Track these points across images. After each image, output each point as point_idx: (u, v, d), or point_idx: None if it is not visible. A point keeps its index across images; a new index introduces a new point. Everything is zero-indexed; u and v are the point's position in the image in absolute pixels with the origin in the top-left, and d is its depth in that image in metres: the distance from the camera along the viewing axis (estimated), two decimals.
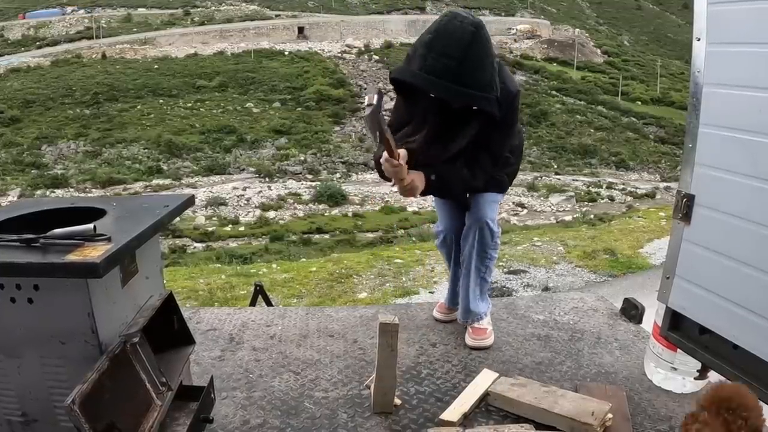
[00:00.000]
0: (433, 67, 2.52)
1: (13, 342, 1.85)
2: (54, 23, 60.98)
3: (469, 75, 2.54)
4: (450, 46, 2.51)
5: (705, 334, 2.42)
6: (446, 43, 2.52)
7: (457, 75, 2.51)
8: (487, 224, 2.99)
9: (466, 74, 2.53)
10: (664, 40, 77.36)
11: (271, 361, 3.10)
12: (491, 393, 2.65)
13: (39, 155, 37.54)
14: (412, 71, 2.61)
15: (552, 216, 29.44)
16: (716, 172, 2.33)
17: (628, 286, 8.75)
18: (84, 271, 1.67)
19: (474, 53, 2.54)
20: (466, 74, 2.53)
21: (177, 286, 8.60)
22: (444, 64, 2.51)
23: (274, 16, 64.54)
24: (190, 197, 2.41)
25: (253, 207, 30.92)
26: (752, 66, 2.17)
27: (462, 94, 2.57)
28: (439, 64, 2.51)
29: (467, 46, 2.51)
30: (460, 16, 2.60)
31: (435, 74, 2.52)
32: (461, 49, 2.51)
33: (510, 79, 2.80)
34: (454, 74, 2.51)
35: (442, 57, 2.51)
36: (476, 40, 2.54)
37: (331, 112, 44.01)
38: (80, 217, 2.01)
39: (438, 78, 2.53)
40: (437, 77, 2.52)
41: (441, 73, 2.52)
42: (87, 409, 1.63)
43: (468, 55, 2.52)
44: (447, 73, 2.51)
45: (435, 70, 2.52)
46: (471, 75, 2.55)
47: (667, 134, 45.74)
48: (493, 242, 3.07)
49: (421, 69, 2.56)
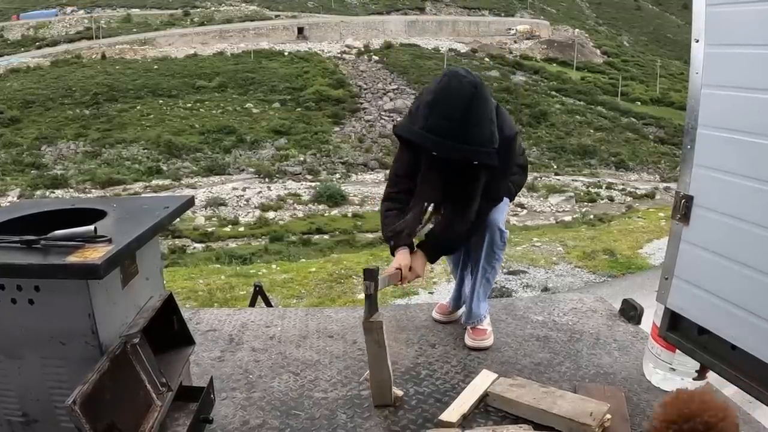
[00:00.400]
0: (435, 127, 2.61)
1: (13, 343, 1.86)
2: (54, 23, 60.97)
3: (471, 132, 2.63)
4: (451, 108, 2.60)
5: (703, 335, 2.43)
6: (447, 104, 2.61)
7: (458, 134, 2.60)
8: (497, 227, 3.04)
9: (467, 133, 2.62)
10: (664, 40, 77.39)
11: (271, 362, 3.10)
12: (490, 393, 2.66)
13: (39, 155, 37.52)
14: (415, 130, 2.70)
15: (551, 216, 29.44)
16: (715, 173, 2.33)
17: (627, 286, 8.75)
18: (85, 272, 1.68)
19: (474, 113, 2.62)
20: (467, 133, 2.62)
21: (176, 286, 8.60)
22: (446, 125, 2.60)
23: (273, 16, 64.51)
24: (190, 198, 2.41)
25: (252, 207, 30.90)
26: (751, 67, 2.17)
27: (463, 151, 2.65)
28: (440, 125, 2.60)
29: (467, 108, 2.60)
30: (459, 76, 2.68)
31: (437, 134, 2.61)
32: (461, 111, 2.59)
33: (507, 124, 2.87)
34: (456, 134, 2.60)
35: (444, 119, 2.60)
36: (476, 100, 2.62)
37: (330, 112, 43.99)
38: (81, 218, 2.02)
39: (440, 137, 2.61)
40: (439, 137, 2.61)
41: (443, 133, 2.60)
42: (88, 409, 1.63)
43: (469, 115, 2.61)
44: (448, 132, 2.60)
45: (437, 130, 2.61)
46: (471, 133, 2.63)
47: (666, 134, 45.73)
48: (502, 242, 3.11)
49: (423, 128, 2.64)
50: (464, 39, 62.13)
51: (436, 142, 2.63)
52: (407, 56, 53.76)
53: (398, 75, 49.60)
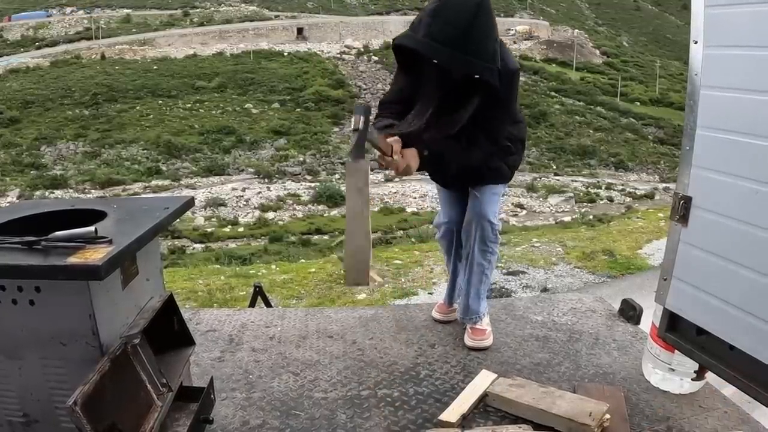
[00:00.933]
0: (437, 35, 2.52)
1: (14, 343, 1.87)
2: (53, 24, 60.95)
3: (473, 44, 2.54)
4: (455, 15, 2.52)
5: (702, 335, 2.44)
6: (451, 11, 2.53)
7: (461, 43, 2.52)
8: (487, 219, 3.00)
9: (469, 43, 2.53)
10: (663, 40, 77.41)
11: (271, 362, 3.11)
12: (490, 394, 2.66)
13: (38, 156, 37.51)
14: (416, 38, 2.60)
15: (551, 217, 29.44)
16: (713, 174, 2.34)
17: (626, 287, 8.75)
18: (86, 273, 1.69)
19: (478, 23, 2.54)
20: (470, 43, 2.53)
21: (176, 287, 8.61)
22: (448, 32, 2.51)
23: (273, 16, 64.51)
24: (190, 199, 2.42)
25: (252, 208, 30.91)
26: (749, 69, 2.18)
27: (465, 62, 2.56)
28: (443, 32, 2.51)
29: (472, 16, 2.52)
30: None
31: (439, 41, 2.52)
32: (466, 19, 2.52)
33: (510, 57, 2.78)
34: (458, 43, 2.51)
35: (447, 25, 2.52)
36: (481, 11, 2.55)
37: (330, 112, 44.01)
38: (81, 219, 2.02)
39: (442, 45, 2.52)
40: (441, 44, 2.52)
41: (445, 41, 2.52)
42: (88, 409, 1.64)
43: (472, 25, 2.52)
44: (451, 41, 2.51)
45: (439, 38, 2.52)
46: (475, 44, 2.55)
47: (666, 135, 45.74)
48: (494, 235, 3.07)
49: (425, 36, 2.55)
50: None
51: (437, 49, 2.54)
52: None
53: None
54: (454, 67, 2.58)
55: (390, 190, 32.78)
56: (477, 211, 3.01)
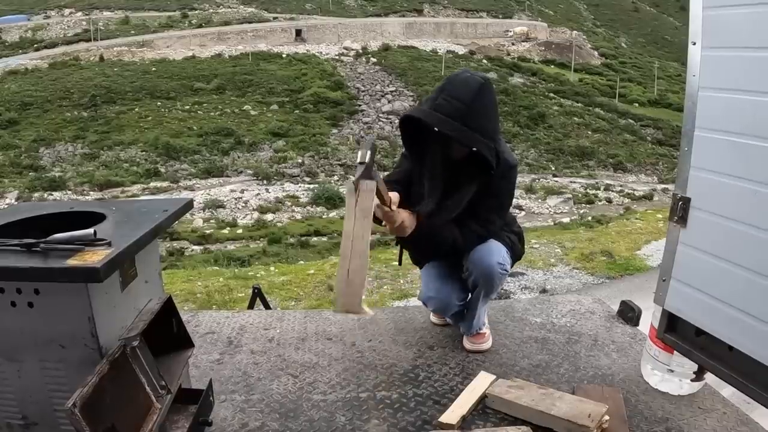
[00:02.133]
0: (442, 107, 2.67)
1: (13, 346, 1.87)
2: (51, 25, 60.84)
3: (475, 120, 2.68)
4: (460, 91, 2.69)
5: (701, 336, 2.44)
6: (457, 87, 2.70)
7: (464, 117, 2.65)
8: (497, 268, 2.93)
9: (472, 119, 2.66)
10: (662, 42, 77.45)
11: (270, 364, 3.11)
12: (489, 395, 2.67)
13: (36, 158, 37.39)
14: (421, 109, 2.77)
15: (549, 218, 29.37)
16: (712, 175, 2.35)
17: (625, 288, 8.78)
18: (85, 275, 1.69)
19: (481, 101, 2.70)
20: (473, 119, 2.67)
21: (175, 288, 8.61)
22: (453, 106, 2.66)
23: (271, 18, 64.41)
24: (189, 201, 2.42)
25: (250, 209, 30.83)
26: (747, 70, 2.18)
27: (465, 134, 2.67)
28: (449, 105, 2.67)
29: (476, 93, 2.68)
30: (470, 70, 2.83)
31: (443, 113, 2.66)
32: (470, 95, 2.67)
33: (509, 153, 2.91)
34: (462, 116, 2.65)
35: (453, 99, 2.67)
36: (484, 90, 2.72)
37: (328, 114, 43.91)
38: (80, 221, 2.02)
39: (445, 116, 2.66)
40: (444, 116, 2.66)
41: (449, 113, 2.66)
42: (88, 412, 1.64)
43: (476, 101, 2.68)
44: (455, 113, 2.65)
45: (444, 110, 2.67)
46: (477, 120, 2.68)
47: (664, 136, 45.70)
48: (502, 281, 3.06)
49: (431, 108, 2.71)
50: (462, 41, 62.08)
51: (440, 120, 2.65)
52: (405, 58, 53.70)
53: (396, 77, 49.54)
54: (455, 137, 2.68)
55: None
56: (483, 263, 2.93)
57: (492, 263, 2.91)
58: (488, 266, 2.91)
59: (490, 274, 2.92)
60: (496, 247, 2.95)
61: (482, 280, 2.94)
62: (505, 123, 43.09)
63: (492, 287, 3.00)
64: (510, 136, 41.65)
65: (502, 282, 3.07)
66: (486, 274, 2.92)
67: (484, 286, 2.97)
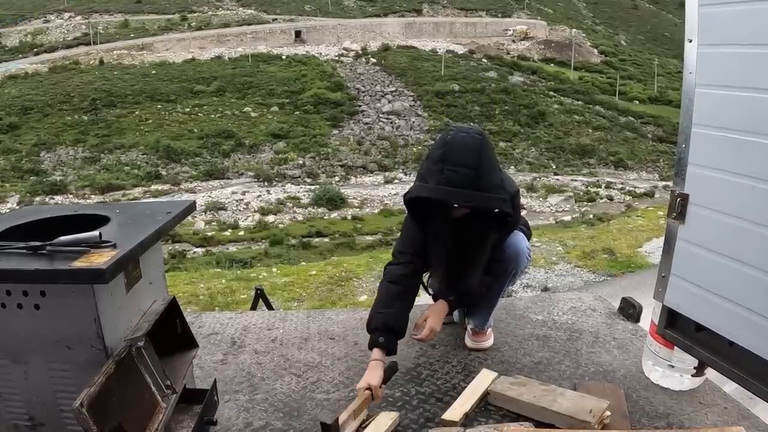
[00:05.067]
0: (451, 179, 2.57)
1: (20, 347, 1.89)
2: (51, 30, 60.87)
3: (485, 180, 2.61)
4: (464, 156, 2.59)
5: (701, 332, 2.45)
6: (459, 154, 2.59)
7: (473, 182, 2.57)
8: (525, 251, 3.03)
9: (482, 180, 2.60)
10: (661, 39, 77.40)
11: (273, 364, 3.13)
12: (491, 392, 2.68)
13: (38, 162, 37.45)
14: (429, 187, 2.64)
15: (551, 216, 29.39)
16: (710, 171, 2.36)
17: (627, 285, 8.78)
18: (91, 277, 1.71)
19: (485, 158, 2.62)
20: (483, 180, 2.60)
21: (177, 291, 8.62)
22: (462, 174, 2.57)
23: (271, 20, 64.42)
24: (192, 203, 2.44)
25: (252, 211, 30.84)
26: (744, 67, 2.20)
27: (483, 198, 2.62)
28: (457, 175, 2.57)
29: (479, 153, 2.60)
30: (463, 128, 2.71)
31: (453, 185, 2.57)
32: (474, 158, 2.59)
33: (509, 180, 2.86)
34: (472, 181, 2.57)
35: (460, 167, 2.57)
36: (485, 146, 2.64)
37: (329, 115, 43.91)
38: (84, 224, 2.04)
39: (457, 187, 2.57)
40: (456, 187, 2.57)
41: (460, 183, 2.57)
42: (95, 411, 1.66)
43: (482, 161, 2.60)
44: (466, 181, 2.57)
45: (454, 181, 2.57)
46: (487, 180, 2.62)
47: (665, 133, 45.66)
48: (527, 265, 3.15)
49: (439, 183, 2.60)
50: (462, 40, 62.07)
51: (454, 193, 2.58)
52: (405, 58, 53.72)
53: (396, 77, 49.54)
54: (473, 205, 2.65)
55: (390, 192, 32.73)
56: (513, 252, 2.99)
57: (521, 246, 2.98)
58: (517, 249, 2.97)
59: (518, 256, 2.97)
60: (521, 235, 3.04)
61: (512, 263, 2.98)
62: (506, 122, 43.12)
63: (518, 268, 3.03)
64: (510, 135, 41.68)
65: (527, 266, 3.14)
66: (515, 256, 2.97)
67: (514, 268, 3.00)
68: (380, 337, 2.71)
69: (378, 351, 2.70)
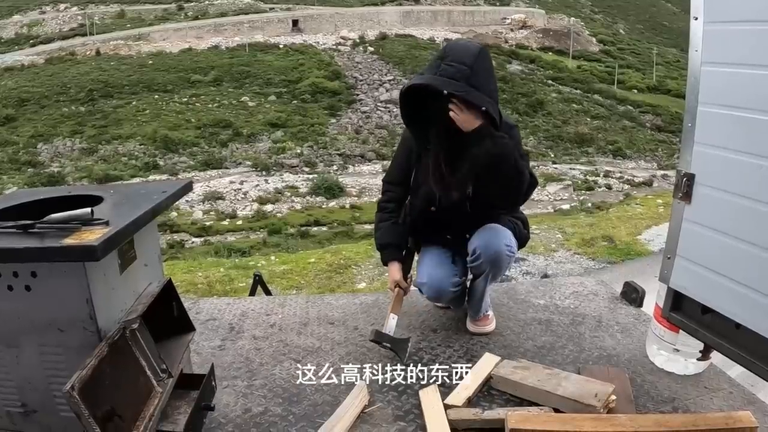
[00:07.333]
0: (447, 71, 2.72)
1: (11, 331, 1.84)
2: (47, 21, 60.61)
3: (479, 81, 2.74)
4: (462, 54, 2.76)
5: (707, 314, 2.41)
6: (458, 52, 2.78)
7: (469, 79, 2.71)
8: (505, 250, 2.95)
9: (476, 79, 2.72)
10: (660, 28, 77.21)
11: (272, 350, 3.09)
12: (494, 376, 2.65)
13: (35, 153, 37.37)
14: (424, 76, 2.82)
15: (549, 205, 29.36)
16: (716, 150, 2.31)
17: (626, 272, 8.73)
18: (82, 254, 1.66)
19: (482, 63, 2.77)
20: (477, 80, 2.72)
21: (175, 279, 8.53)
22: (457, 68, 2.72)
23: (268, 9, 64.12)
24: (188, 182, 2.40)
25: (250, 201, 30.81)
26: (749, 44, 2.15)
27: (474, 94, 2.70)
28: (453, 69, 2.72)
29: (476, 56, 2.76)
30: (465, 39, 2.80)
31: (448, 76, 2.71)
32: (472, 57, 2.74)
33: (506, 116, 2.96)
34: (467, 78, 2.70)
35: (456, 63, 2.73)
36: (484, 53, 2.82)
37: (326, 104, 43.79)
38: (77, 204, 1.99)
39: (450, 78, 2.71)
40: (450, 78, 2.71)
41: (455, 75, 2.71)
42: (87, 395, 1.61)
43: (477, 63, 2.74)
44: (460, 75, 2.71)
45: (448, 73, 2.72)
46: (479, 80, 2.73)
47: (663, 122, 45.59)
48: (510, 263, 3.08)
49: (435, 73, 2.76)
50: (459, 29, 61.77)
51: (447, 82, 2.69)
52: (403, 47, 53.54)
53: (394, 66, 49.38)
54: (463, 96, 2.71)
55: None
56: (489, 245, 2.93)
57: (500, 245, 2.91)
58: (496, 249, 2.91)
59: (498, 257, 2.92)
60: (502, 229, 2.97)
61: (490, 263, 2.93)
62: (504, 110, 42.95)
63: (499, 269, 2.99)
64: None
65: (509, 264, 3.07)
66: (494, 256, 2.92)
67: (492, 269, 2.96)
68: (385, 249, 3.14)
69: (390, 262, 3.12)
